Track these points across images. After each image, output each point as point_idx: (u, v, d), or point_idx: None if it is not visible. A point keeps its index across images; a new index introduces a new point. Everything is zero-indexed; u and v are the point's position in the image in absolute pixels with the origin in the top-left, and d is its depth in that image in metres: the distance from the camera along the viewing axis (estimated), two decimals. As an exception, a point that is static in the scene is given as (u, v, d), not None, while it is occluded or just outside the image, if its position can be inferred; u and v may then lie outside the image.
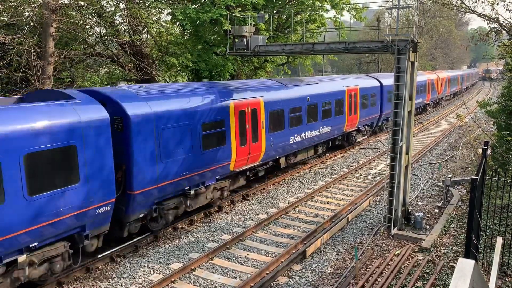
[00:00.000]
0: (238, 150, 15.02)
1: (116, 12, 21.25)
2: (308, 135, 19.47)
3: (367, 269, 10.94)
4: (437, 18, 70.27)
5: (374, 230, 13.34)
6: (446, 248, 11.99)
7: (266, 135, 16.54)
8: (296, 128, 18.57)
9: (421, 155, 23.76)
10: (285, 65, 33.85)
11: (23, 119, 8.53)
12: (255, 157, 16.25)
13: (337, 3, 27.49)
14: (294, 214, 14.92)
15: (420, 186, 18.00)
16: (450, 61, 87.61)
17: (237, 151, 14.94)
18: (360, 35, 62.78)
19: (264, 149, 16.55)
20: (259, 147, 16.26)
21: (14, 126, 8.32)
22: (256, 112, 16.03)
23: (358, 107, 24.52)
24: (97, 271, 10.82)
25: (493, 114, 15.96)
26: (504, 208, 11.51)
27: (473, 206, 8.17)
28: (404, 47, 12.20)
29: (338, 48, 14.13)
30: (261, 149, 16.40)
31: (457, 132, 31.66)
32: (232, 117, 14.61)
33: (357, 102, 24.39)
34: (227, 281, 10.37)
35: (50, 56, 16.15)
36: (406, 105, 12.55)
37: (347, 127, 23.74)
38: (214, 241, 12.60)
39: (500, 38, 18.55)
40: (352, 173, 20.12)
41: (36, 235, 8.80)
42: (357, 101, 24.46)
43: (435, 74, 46.19)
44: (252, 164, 16.14)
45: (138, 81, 21.71)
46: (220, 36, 24.87)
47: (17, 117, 8.49)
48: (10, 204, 8.19)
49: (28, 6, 17.98)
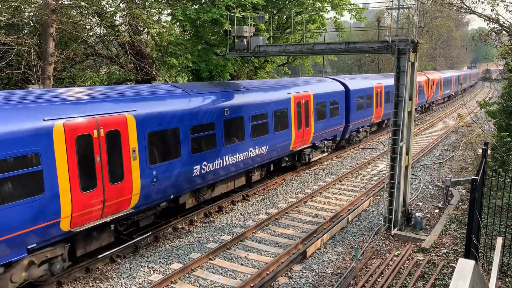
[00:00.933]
0: (76, 199, 9.60)
1: (116, 12, 21.26)
2: (229, 160, 14.51)
3: (367, 269, 10.94)
4: (437, 19, 70.27)
5: (374, 231, 13.33)
6: (446, 249, 11.99)
7: (141, 168, 11.19)
8: (206, 154, 13.41)
9: (421, 156, 23.75)
10: (285, 66, 33.89)
11: None
12: (122, 204, 10.90)
13: (337, 3, 27.52)
14: (294, 214, 14.92)
15: (420, 187, 18.00)
16: (450, 62, 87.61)
17: (74, 202, 9.55)
18: (360, 36, 62.76)
19: (138, 191, 11.19)
20: (128, 188, 10.80)
21: None
22: (119, 136, 10.57)
23: (311, 118, 19.52)
24: (97, 271, 10.82)
25: (493, 114, 15.98)
26: (504, 209, 11.50)
27: (473, 207, 8.17)
28: (404, 47, 12.20)
29: (338, 49, 14.13)
30: (131, 192, 10.96)
31: (457, 133, 31.66)
32: (63, 149, 9.42)
33: (309, 113, 19.38)
34: (227, 281, 10.37)
35: (50, 56, 16.16)
36: (406, 106, 12.55)
37: (296, 145, 18.73)
38: (214, 242, 12.60)
39: (500, 38, 18.55)
40: (352, 174, 20.12)
41: None
42: (310, 111, 19.44)
43: (424, 75, 41.55)
44: (115, 214, 10.72)
45: (138, 81, 21.72)
46: (220, 37, 24.88)
47: None
48: None
49: (28, 6, 17.98)
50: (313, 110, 19.67)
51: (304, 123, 19.06)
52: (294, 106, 18.11)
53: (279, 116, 17.17)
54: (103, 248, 11.29)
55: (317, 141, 20.67)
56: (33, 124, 8.88)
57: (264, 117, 16.31)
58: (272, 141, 16.87)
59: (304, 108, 19.02)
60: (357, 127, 25.57)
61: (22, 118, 8.77)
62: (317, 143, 20.66)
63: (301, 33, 28.17)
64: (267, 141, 16.59)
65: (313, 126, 19.78)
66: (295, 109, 18.23)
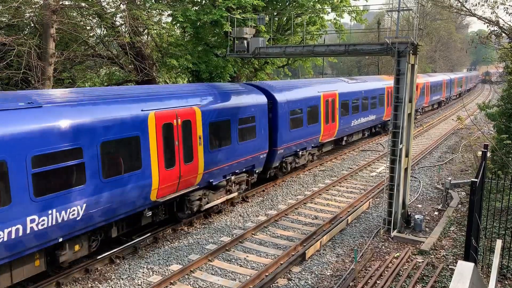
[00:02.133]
0: None
1: (116, 13, 21.29)
2: None
3: (367, 271, 10.94)
4: (437, 21, 70.38)
5: (374, 233, 13.33)
6: (445, 251, 11.99)
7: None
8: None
9: (421, 158, 23.76)
10: (285, 67, 33.93)
11: None
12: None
13: (337, 5, 27.55)
14: (293, 216, 14.91)
15: (420, 189, 18.00)
16: (450, 64, 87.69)
17: None
18: (360, 38, 62.83)
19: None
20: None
21: None
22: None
23: (197, 147, 13.07)
24: (96, 272, 10.81)
25: (493, 116, 15.96)
26: (504, 211, 11.50)
27: (472, 209, 8.17)
28: (404, 49, 12.21)
29: (338, 50, 14.15)
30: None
31: (457, 135, 31.67)
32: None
33: (193, 139, 12.98)
34: (226, 283, 10.36)
35: (51, 57, 16.16)
36: (406, 108, 12.56)
37: (161, 192, 11.95)
38: (214, 243, 12.59)
39: (500, 41, 18.57)
40: (352, 175, 20.12)
41: None
42: (195, 136, 13.04)
43: None
44: None
45: (139, 82, 21.74)
46: (221, 38, 24.92)
47: None
48: None
49: (28, 7, 17.98)
50: (202, 134, 13.27)
51: (182, 156, 12.54)
52: (155, 132, 11.58)
53: (123, 150, 10.94)
54: (107, 247, 11.27)
55: (216, 178, 14.18)
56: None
57: (90, 158, 10.11)
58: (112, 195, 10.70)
59: (184, 132, 12.64)
60: (294, 150, 18.83)
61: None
62: (215, 181, 14.18)
63: (301, 34, 28.24)
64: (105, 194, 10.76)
65: (203, 157, 13.33)
66: (159, 136, 11.76)
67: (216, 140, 14.00)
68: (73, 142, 9.52)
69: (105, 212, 10.37)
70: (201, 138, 13.24)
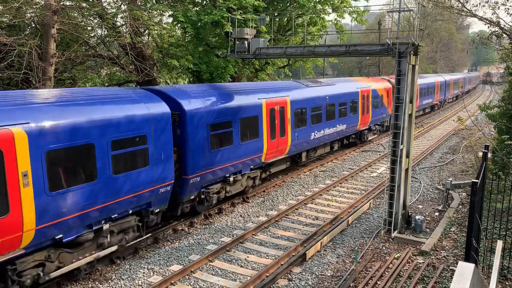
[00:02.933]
0: None
1: (117, 14, 21.31)
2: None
3: (367, 272, 10.93)
4: (438, 22, 70.38)
5: (374, 233, 13.32)
6: (446, 252, 11.98)
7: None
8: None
9: (421, 158, 23.75)
10: (286, 68, 33.94)
11: None
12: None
13: (338, 6, 27.56)
14: (294, 216, 14.91)
15: (421, 189, 17.99)
16: (451, 65, 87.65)
17: None
18: (361, 38, 62.82)
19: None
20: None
21: None
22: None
23: (25, 189, 8.36)
24: (96, 273, 10.81)
25: (494, 117, 15.95)
26: (505, 212, 11.49)
27: (473, 210, 8.17)
28: (405, 50, 12.21)
29: (339, 51, 14.15)
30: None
31: (457, 136, 31.65)
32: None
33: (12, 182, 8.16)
34: (227, 283, 10.36)
35: (52, 57, 16.18)
36: (407, 108, 12.56)
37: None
38: (214, 243, 12.59)
39: (501, 41, 18.57)
40: (352, 176, 20.11)
41: None
42: (15, 180, 8.15)
43: (388, 81, 30.01)
44: None
45: (139, 82, 21.75)
46: (221, 38, 24.94)
47: None
48: None
49: (29, 7, 18.00)
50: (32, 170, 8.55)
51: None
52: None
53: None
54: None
55: (80, 229, 9.92)
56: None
57: None
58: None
59: None
60: (222, 176, 14.71)
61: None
62: (70, 236, 9.69)
63: (302, 35, 28.24)
64: None
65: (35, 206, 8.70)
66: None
67: (70, 175, 9.24)
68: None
69: None
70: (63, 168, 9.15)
